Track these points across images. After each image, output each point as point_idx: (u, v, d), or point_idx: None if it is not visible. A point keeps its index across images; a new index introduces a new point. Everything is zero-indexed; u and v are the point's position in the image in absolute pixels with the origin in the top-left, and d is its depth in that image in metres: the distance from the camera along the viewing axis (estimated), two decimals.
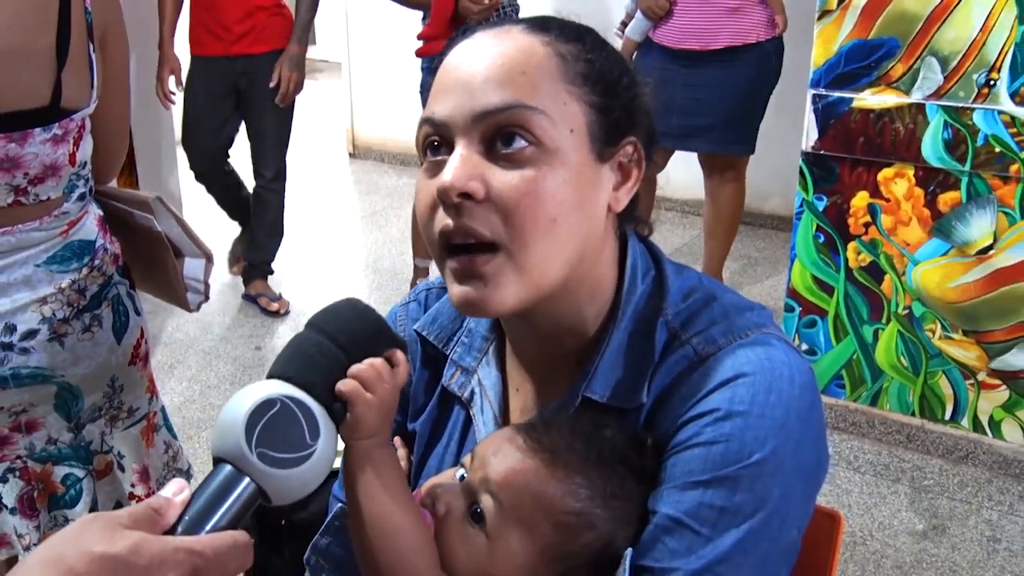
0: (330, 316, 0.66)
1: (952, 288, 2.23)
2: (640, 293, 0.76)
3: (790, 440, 0.67)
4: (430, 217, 0.71)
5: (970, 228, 2.18)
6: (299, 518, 1.62)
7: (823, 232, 2.34)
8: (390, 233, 3.99)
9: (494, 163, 0.68)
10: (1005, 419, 2.26)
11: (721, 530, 0.65)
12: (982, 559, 2.03)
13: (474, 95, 0.69)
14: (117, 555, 0.49)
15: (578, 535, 0.67)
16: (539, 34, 0.72)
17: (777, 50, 2.79)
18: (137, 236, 1.32)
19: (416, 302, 0.90)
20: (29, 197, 1.14)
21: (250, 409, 0.57)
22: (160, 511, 0.54)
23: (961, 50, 2.09)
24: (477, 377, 0.82)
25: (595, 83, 0.71)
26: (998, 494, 2.23)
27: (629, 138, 0.74)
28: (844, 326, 2.38)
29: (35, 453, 1.26)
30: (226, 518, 0.56)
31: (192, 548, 0.52)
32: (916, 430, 2.37)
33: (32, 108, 1.11)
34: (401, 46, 4.48)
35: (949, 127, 2.13)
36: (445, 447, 0.84)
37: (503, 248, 0.68)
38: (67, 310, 1.22)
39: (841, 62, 2.21)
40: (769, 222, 3.89)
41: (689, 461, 0.67)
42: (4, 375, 1.18)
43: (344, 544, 0.87)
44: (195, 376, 2.83)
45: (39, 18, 1.11)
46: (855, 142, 2.23)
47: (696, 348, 0.72)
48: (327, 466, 0.60)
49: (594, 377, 0.74)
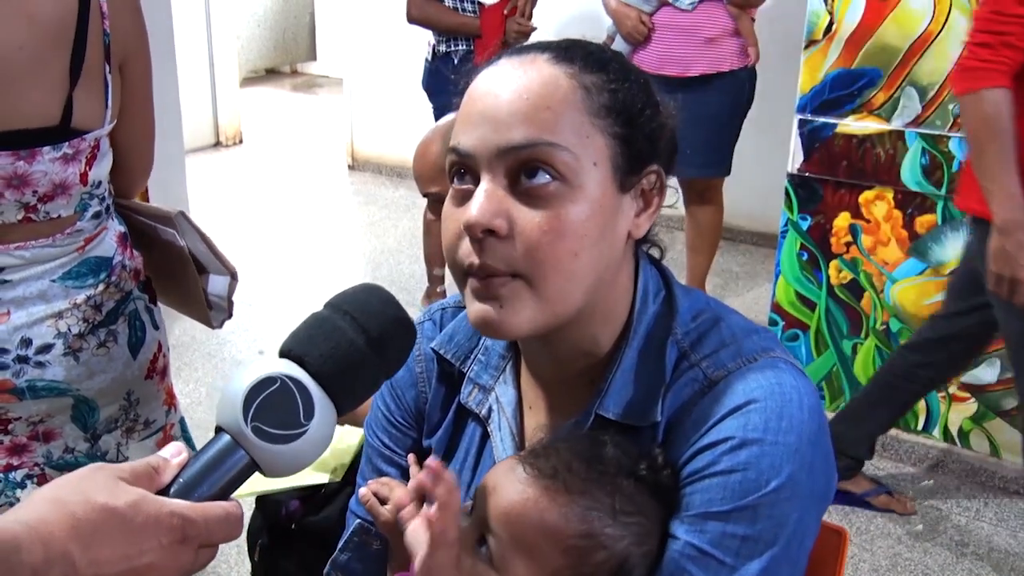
0: (356, 303, 0.63)
1: (927, 306, 2.22)
2: (651, 314, 0.73)
3: (804, 465, 0.65)
4: (456, 246, 0.69)
5: (944, 249, 2.17)
6: (309, 522, 1.58)
7: (806, 250, 2.33)
8: (387, 242, 3.95)
9: (518, 199, 0.66)
10: (973, 430, 2.26)
11: (745, 558, 0.64)
12: (952, 562, 2.02)
13: (498, 129, 0.66)
14: (116, 508, 0.50)
15: (589, 556, 0.64)
16: (564, 65, 0.68)
17: (750, 78, 2.79)
18: (161, 251, 1.26)
19: (431, 321, 0.87)
20: (39, 214, 1.10)
21: (250, 384, 0.56)
22: (158, 470, 0.54)
23: (938, 81, 2.09)
24: (495, 395, 0.79)
25: (618, 114, 0.68)
26: (966, 500, 2.22)
27: (651, 166, 0.71)
28: (825, 340, 2.37)
29: (52, 461, 1.21)
30: (218, 485, 0.55)
31: (185, 515, 0.52)
32: (891, 439, 2.36)
33: (40, 127, 1.06)
34: (399, 64, 4.46)
35: (926, 153, 2.13)
36: (462, 462, 0.81)
37: (523, 277, 0.66)
38: (82, 325, 1.17)
39: (826, 89, 2.20)
40: (750, 238, 3.90)
41: (708, 490, 0.65)
42: (21, 387, 1.14)
43: (362, 559, 0.85)
44: (201, 378, 2.78)
45: (54, 38, 1.06)
46: (838, 165, 2.22)
47: (706, 372, 0.69)
48: (321, 446, 0.58)
49: (607, 396, 0.71)
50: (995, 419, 2.22)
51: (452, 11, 2.82)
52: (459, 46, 2.86)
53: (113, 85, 1.14)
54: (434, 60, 2.92)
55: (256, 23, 6.88)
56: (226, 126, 5.40)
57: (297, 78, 7.39)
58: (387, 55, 4.58)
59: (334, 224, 4.27)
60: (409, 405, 0.85)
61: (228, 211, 4.22)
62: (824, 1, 2.17)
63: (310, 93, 6.91)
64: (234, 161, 5.17)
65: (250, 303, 3.22)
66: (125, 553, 0.50)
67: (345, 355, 0.59)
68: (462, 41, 2.85)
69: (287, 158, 5.20)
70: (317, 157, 5.17)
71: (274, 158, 5.20)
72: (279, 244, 3.86)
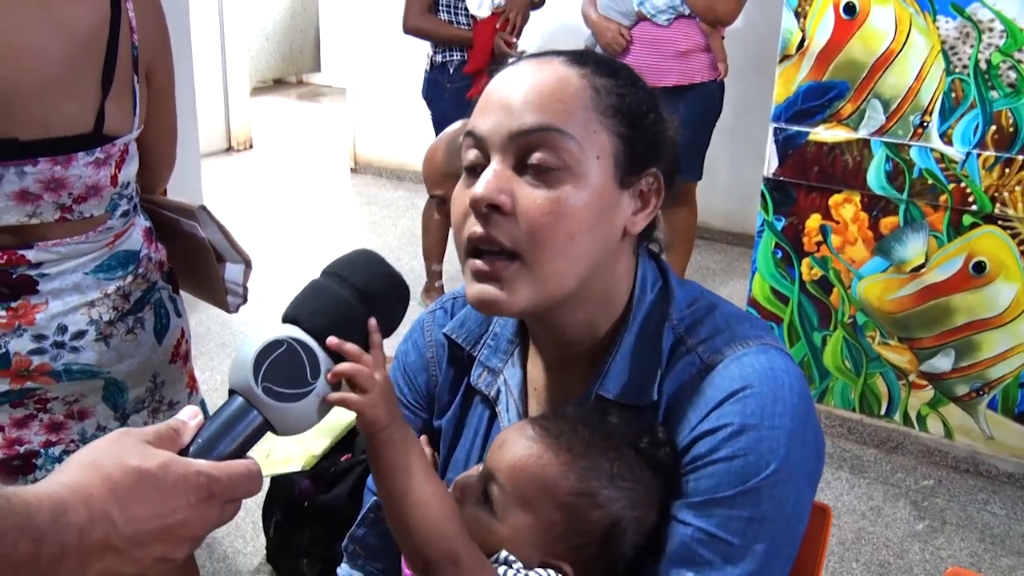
0: (345, 264, 0.63)
1: (890, 300, 2.24)
2: (648, 301, 0.74)
3: (797, 445, 0.66)
4: (463, 222, 0.69)
5: (906, 249, 2.19)
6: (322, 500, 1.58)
7: (781, 249, 2.34)
8: (387, 240, 3.94)
9: (524, 180, 0.66)
10: (930, 415, 2.28)
11: (751, 538, 0.64)
12: (909, 535, 2.05)
13: (512, 115, 0.67)
14: (148, 470, 0.50)
15: (585, 513, 0.64)
16: (577, 67, 0.69)
17: (719, 89, 2.82)
18: (183, 241, 1.27)
19: (442, 309, 0.87)
20: (74, 214, 1.10)
21: (259, 347, 0.56)
22: (179, 432, 0.54)
23: (900, 94, 2.11)
24: (503, 377, 0.79)
25: (624, 116, 0.69)
26: (922, 479, 2.25)
27: (651, 169, 0.71)
28: (797, 332, 2.38)
29: (86, 437, 1.21)
30: (234, 444, 0.55)
31: (211, 473, 0.52)
32: (856, 423, 2.38)
33: (76, 134, 1.06)
34: (398, 74, 4.44)
35: (890, 160, 2.15)
36: (472, 442, 0.81)
37: (521, 257, 0.66)
38: (112, 313, 1.17)
39: (799, 100, 2.21)
40: (725, 238, 3.91)
41: (713, 476, 0.65)
42: (58, 369, 1.14)
43: (378, 535, 0.85)
44: (216, 367, 2.76)
45: (88, 53, 1.06)
46: (810, 171, 2.24)
47: (702, 356, 0.70)
48: (328, 404, 0.59)
49: (606, 377, 0.72)
50: (949, 404, 2.25)
51: (446, 24, 2.81)
52: (454, 56, 2.85)
53: (140, 93, 1.14)
54: (432, 70, 2.91)
55: (265, 37, 6.85)
56: (237, 132, 5.38)
57: (303, 88, 7.35)
58: (387, 66, 4.57)
59: (338, 223, 4.26)
60: (421, 388, 0.85)
61: (240, 211, 4.19)
62: (797, 19, 2.18)
63: (315, 102, 6.88)
64: (245, 165, 5.15)
65: (260, 296, 3.21)
66: (158, 511, 0.50)
67: (333, 307, 0.59)
68: (457, 51, 2.84)
69: (294, 162, 5.17)
70: (322, 161, 5.15)
71: (282, 162, 5.18)
72: (287, 241, 3.85)
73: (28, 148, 1.03)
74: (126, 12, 1.10)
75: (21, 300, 1.10)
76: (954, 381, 2.22)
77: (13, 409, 1.14)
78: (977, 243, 2.10)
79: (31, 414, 1.16)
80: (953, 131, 2.07)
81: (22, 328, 1.10)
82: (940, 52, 2.04)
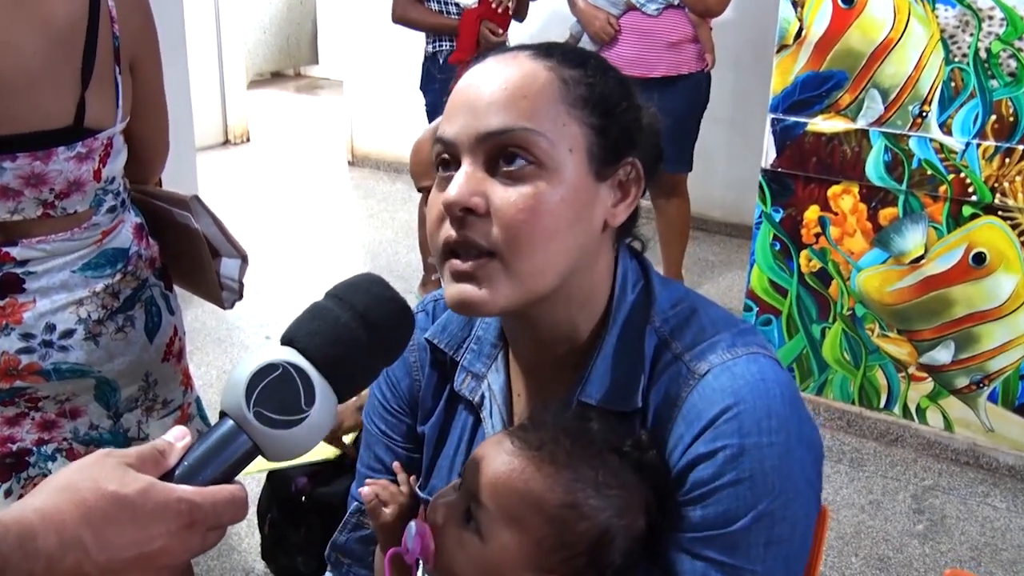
0: (347, 287, 0.61)
1: (889, 292, 2.23)
2: (629, 302, 0.72)
3: (796, 459, 0.65)
4: (438, 227, 0.68)
5: (905, 240, 2.18)
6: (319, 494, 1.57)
7: (779, 240, 2.33)
8: (385, 233, 3.93)
9: (496, 180, 0.65)
10: (929, 407, 2.28)
11: (771, 562, 0.63)
12: (909, 528, 2.04)
13: (479, 117, 0.65)
14: (126, 496, 0.48)
15: (572, 525, 0.63)
16: (543, 59, 0.68)
17: (707, 81, 2.81)
18: (176, 234, 1.25)
19: (424, 312, 0.84)
20: (57, 210, 1.08)
21: (254, 371, 0.54)
22: (164, 453, 0.53)
23: (899, 84, 2.09)
24: (487, 382, 0.77)
25: (595, 106, 0.67)
26: (922, 472, 2.24)
27: (628, 158, 0.69)
28: (796, 324, 2.37)
29: (79, 436, 1.21)
30: (221, 469, 0.54)
31: (193, 500, 0.50)
32: (855, 416, 2.37)
33: (56, 128, 1.04)
34: (395, 67, 4.42)
35: (889, 151, 2.13)
36: (456, 449, 0.79)
37: (499, 255, 0.65)
38: (101, 312, 1.15)
39: (797, 91, 2.19)
40: (723, 229, 3.90)
41: (720, 503, 0.63)
42: (47, 369, 1.12)
43: (361, 540, 0.84)
44: (211, 362, 2.75)
45: (65, 45, 1.04)
46: (808, 161, 2.22)
47: (689, 366, 0.67)
48: (322, 432, 0.57)
49: (588, 382, 0.70)
50: (949, 396, 2.24)
51: (434, 13, 2.78)
52: (443, 46, 2.82)
53: (123, 85, 1.12)
54: (425, 60, 2.89)
55: (262, 30, 6.81)
56: (234, 125, 5.36)
57: (300, 80, 7.32)
58: (384, 59, 4.55)
59: (335, 216, 4.24)
60: (404, 393, 0.83)
61: (236, 205, 4.18)
62: (794, 8, 2.16)
63: (312, 94, 6.85)
64: (242, 158, 5.12)
65: (257, 291, 3.20)
66: (135, 539, 0.48)
67: (332, 330, 0.57)
68: (447, 41, 2.81)
69: (291, 155, 5.15)
70: (319, 154, 5.13)
71: (279, 155, 5.16)
72: (284, 235, 3.83)
73: (6, 143, 1.01)
74: (105, 2, 1.07)
75: (8, 299, 1.09)
76: (954, 373, 2.21)
77: (4, 408, 1.13)
78: (977, 234, 2.09)
79: (23, 412, 1.15)
80: (953, 121, 2.05)
81: (9, 327, 1.09)
82: (939, 41, 2.02)
